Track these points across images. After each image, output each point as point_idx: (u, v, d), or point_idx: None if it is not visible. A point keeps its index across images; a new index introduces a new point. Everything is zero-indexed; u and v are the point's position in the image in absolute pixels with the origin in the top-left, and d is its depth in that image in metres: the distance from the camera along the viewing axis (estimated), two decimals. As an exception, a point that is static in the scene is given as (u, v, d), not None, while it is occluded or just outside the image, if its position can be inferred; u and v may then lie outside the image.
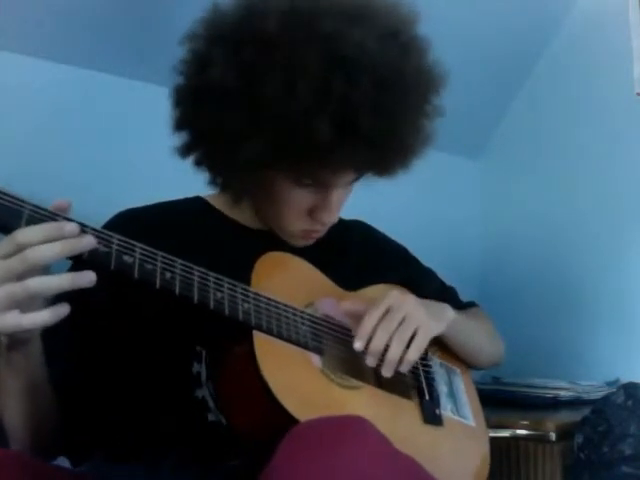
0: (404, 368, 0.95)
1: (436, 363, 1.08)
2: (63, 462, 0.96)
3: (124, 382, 0.94)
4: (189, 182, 1.03)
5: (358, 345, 0.93)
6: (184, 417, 0.90)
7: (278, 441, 0.71)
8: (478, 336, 1.17)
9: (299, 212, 0.98)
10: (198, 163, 0.99)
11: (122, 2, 1.30)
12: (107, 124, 1.38)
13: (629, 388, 1.22)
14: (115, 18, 1.31)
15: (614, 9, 1.65)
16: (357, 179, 1.00)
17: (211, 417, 0.89)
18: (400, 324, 0.95)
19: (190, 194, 1.10)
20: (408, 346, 0.95)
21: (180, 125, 0.97)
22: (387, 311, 0.96)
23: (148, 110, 1.40)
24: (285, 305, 0.91)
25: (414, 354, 0.95)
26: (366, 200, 1.11)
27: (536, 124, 1.88)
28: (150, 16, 1.34)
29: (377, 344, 0.93)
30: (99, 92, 1.38)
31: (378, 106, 0.88)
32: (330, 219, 0.99)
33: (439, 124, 1.02)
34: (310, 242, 1.05)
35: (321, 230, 1.03)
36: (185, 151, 0.98)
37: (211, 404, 0.90)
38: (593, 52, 1.73)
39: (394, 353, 0.94)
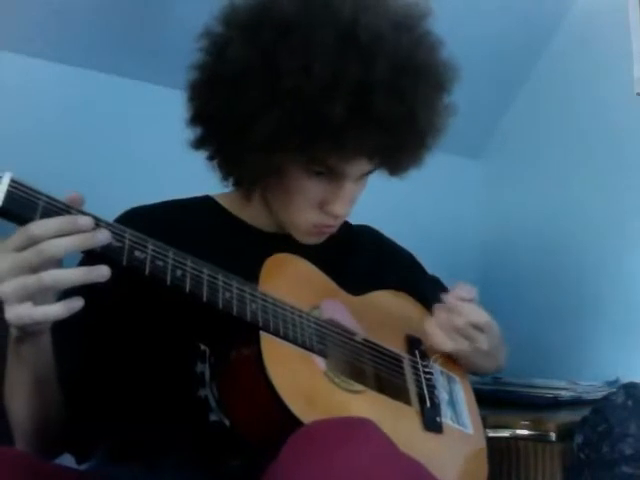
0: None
1: (437, 371, 1.08)
2: (66, 460, 0.96)
3: (128, 380, 0.94)
4: (190, 181, 1.03)
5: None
6: (186, 416, 0.90)
7: (279, 441, 0.71)
8: (493, 357, 1.14)
9: (311, 203, 0.98)
10: (211, 157, 1.00)
11: (122, 2, 1.31)
12: (107, 124, 1.38)
13: (629, 388, 1.22)
14: (115, 18, 1.32)
15: (614, 9, 1.65)
16: (369, 173, 1.00)
17: (213, 417, 0.89)
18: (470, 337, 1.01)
19: (192, 193, 1.10)
20: None
21: (194, 119, 0.98)
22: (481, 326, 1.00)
23: (148, 110, 1.41)
24: (292, 307, 0.91)
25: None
26: (366, 200, 1.11)
27: (536, 124, 1.88)
28: (150, 16, 1.34)
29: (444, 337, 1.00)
30: (99, 92, 1.38)
31: (392, 90, 0.89)
32: (342, 211, 0.99)
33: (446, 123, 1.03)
34: (321, 239, 1.05)
35: (333, 225, 1.02)
36: (199, 144, 0.99)
37: (213, 404, 0.89)
38: (593, 52, 1.73)
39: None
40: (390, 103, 0.89)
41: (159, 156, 1.38)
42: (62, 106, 1.34)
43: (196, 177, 1.02)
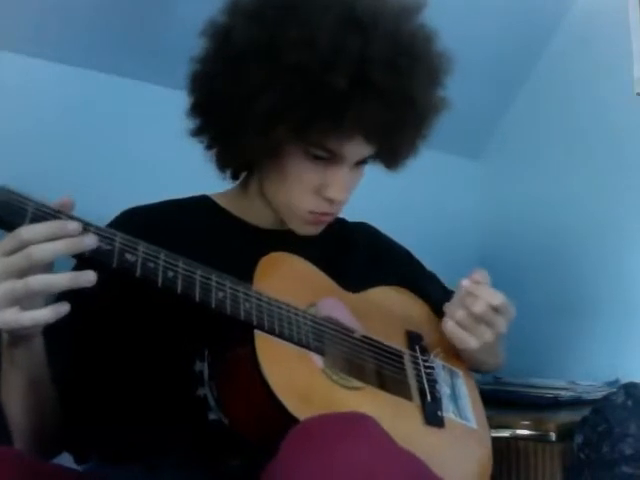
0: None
1: (438, 365, 1.08)
2: (66, 460, 0.96)
3: (125, 380, 0.94)
4: (190, 181, 1.03)
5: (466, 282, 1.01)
6: (185, 416, 0.90)
7: (278, 440, 0.71)
8: (494, 352, 1.16)
9: (308, 188, 0.98)
10: (209, 146, 1.01)
11: (122, 2, 1.30)
12: (107, 124, 1.38)
13: (629, 388, 1.22)
14: (115, 18, 1.31)
15: (614, 9, 1.65)
16: (366, 160, 1.01)
17: (212, 416, 0.89)
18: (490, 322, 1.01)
19: (191, 193, 1.10)
20: None
21: (194, 109, 0.99)
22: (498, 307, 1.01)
23: (148, 110, 1.41)
24: (287, 305, 0.91)
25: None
26: (365, 199, 1.11)
27: (536, 124, 1.88)
28: (150, 16, 1.34)
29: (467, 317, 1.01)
30: (99, 92, 1.38)
31: (391, 68, 0.91)
32: (338, 196, 0.99)
33: (439, 123, 1.03)
34: (318, 230, 1.05)
35: (329, 213, 1.02)
36: (198, 132, 1.00)
37: (212, 403, 0.89)
38: (593, 52, 1.73)
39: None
40: (389, 79, 0.91)
41: (159, 156, 1.38)
42: (62, 106, 1.34)
43: (195, 177, 1.02)
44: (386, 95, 0.91)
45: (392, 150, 1.02)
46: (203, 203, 1.09)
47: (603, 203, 1.69)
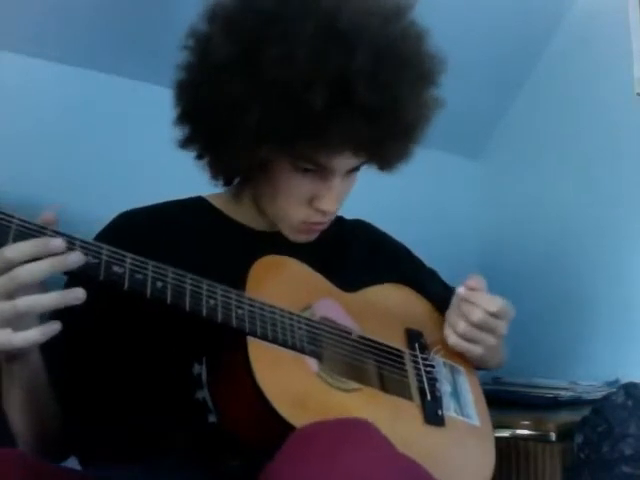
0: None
1: (439, 363, 1.07)
2: (68, 461, 0.96)
3: (124, 384, 0.94)
4: (189, 182, 1.03)
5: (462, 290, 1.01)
6: (185, 418, 0.90)
7: (276, 443, 0.71)
8: (498, 353, 1.16)
9: (299, 200, 0.97)
10: (199, 156, 1.00)
11: (122, 2, 1.30)
12: (107, 124, 1.38)
13: (629, 388, 1.22)
14: (115, 18, 1.31)
15: (614, 9, 1.65)
16: (358, 168, 0.99)
17: (211, 418, 0.89)
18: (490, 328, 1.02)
19: (190, 194, 1.10)
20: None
21: (181, 118, 0.98)
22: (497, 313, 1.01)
23: (148, 110, 1.40)
24: (281, 310, 0.90)
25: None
26: (362, 199, 1.11)
27: (536, 124, 1.88)
28: (150, 16, 1.34)
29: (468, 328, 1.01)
30: (99, 92, 1.38)
31: (374, 79, 0.88)
32: (330, 208, 0.98)
33: (439, 123, 1.02)
34: (312, 237, 1.04)
35: (322, 223, 1.01)
36: (186, 143, 0.99)
37: (211, 405, 0.89)
38: (593, 52, 1.73)
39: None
40: (372, 92, 0.88)
41: (158, 156, 1.38)
42: (62, 106, 1.34)
43: (196, 177, 1.02)
44: (371, 111, 0.89)
45: (383, 159, 1.00)
46: (199, 204, 1.09)
47: (603, 203, 1.69)
